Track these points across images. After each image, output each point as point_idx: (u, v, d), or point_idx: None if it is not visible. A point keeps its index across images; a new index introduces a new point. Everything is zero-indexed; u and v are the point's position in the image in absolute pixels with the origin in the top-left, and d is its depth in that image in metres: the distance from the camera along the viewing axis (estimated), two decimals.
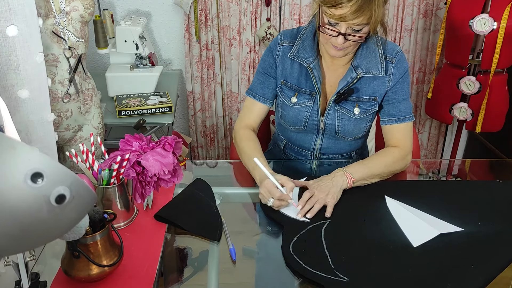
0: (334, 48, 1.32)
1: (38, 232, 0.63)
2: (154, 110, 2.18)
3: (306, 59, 1.42)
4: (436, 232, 1.19)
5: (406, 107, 1.44)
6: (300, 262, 1.08)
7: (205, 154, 2.90)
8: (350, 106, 1.44)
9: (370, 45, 1.40)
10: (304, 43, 1.43)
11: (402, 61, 1.43)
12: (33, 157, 0.59)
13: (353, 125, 1.47)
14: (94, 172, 1.16)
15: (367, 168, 1.36)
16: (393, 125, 1.45)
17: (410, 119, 1.45)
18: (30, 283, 0.93)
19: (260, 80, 1.51)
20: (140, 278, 1.03)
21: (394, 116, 1.44)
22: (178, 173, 1.28)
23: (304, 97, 1.46)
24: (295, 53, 1.43)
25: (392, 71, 1.42)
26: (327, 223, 1.22)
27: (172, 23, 2.64)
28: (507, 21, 2.14)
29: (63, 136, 1.75)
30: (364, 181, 1.36)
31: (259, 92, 1.51)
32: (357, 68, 1.39)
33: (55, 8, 1.56)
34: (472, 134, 2.96)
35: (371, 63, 1.39)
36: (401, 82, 1.43)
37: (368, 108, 1.45)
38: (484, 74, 2.32)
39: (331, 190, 1.27)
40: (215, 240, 1.18)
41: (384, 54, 1.41)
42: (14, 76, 1.39)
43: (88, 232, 0.98)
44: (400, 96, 1.44)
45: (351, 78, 1.40)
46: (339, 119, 1.46)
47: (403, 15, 2.56)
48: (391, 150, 1.44)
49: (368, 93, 1.44)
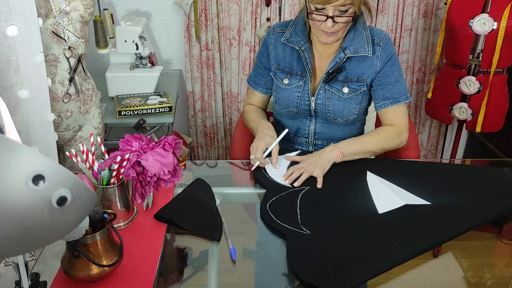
0: (325, 34, 1.39)
1: (39, 234, 0.63)
2: (154, 110, 2.18)
3: (298, 43, 1.50)
4: (402, 203, 1.28)
5: (400, 89, 1.50)
6: (272, 216, 1.23)
7: (205, 154, 2.90)
8: (339, 85, 1.50)
9: (358, 28, 1.47)
10: (296, 28, 1.52)
11: (389, 44, 1.50)
12: (34, 159, 0.60)
13: (342, 105, 1.51)
14: (94, 172, 1.16)
15: (359, 143, 1.47)
16: (388, 108, 1.51)
17: (405, 99, 1.50)
18: (30, 283, 0.93)
19: (256, 71, 1.66)
20: (140, 278, 1.03)
21: (389, 98, 1.50)
22: (178, 173, 1.28)
23: (295, 78, 1.54)
24: (288, 38, 1.52)
25: (380, 53, 1.48)
26: (306, 189, 1.35)
27: (172, 23, 2.64)
28: (507, 21, 2.14)
29: (63, 136, 1.75)
30: (354, 156, 1.46)
31: (255, 81, 1.67)
32: (345, 49, 1.47)
33: (55, 8, 1.56)
34: (472, 134, 2.96)
35: (359, 44, 1.46)
36: (390, 65, 1.49)
37: (357, 88, 1.50)
38: (484, 74, 2.32)
39: (318, 162, 1.39)
40: (215, 240, 1.18)
41: (371, 37, 1.48)
42: (14, 76, 1.39)
43: (88, 232, 0.98)
44: (392, 79, 1.49)
45: (339, 59, 1.48)
46: (329, 99, 1.51)
47: (403, 15, 2.56)
48: (385, 128, 1.53)
49: (357, 74, 1.50)
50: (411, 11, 2.54)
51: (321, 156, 1.42)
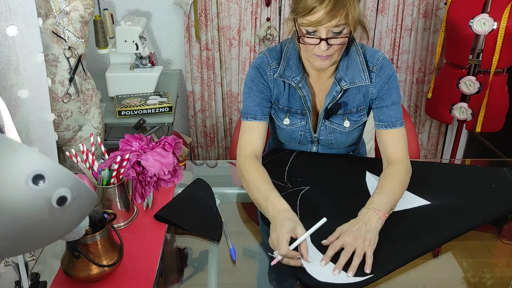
0: (319, 58, 1.26)
1: (39, 234, 0.63)
2: (154, 110, 2.18)
3: (294, 78, 1.37)
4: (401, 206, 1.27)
5: (396, 112, 1.38)
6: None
7: (205, 154, 2.90)
8: (339, 120, 1.43)
9: (351, 54, 1.36)
10: (289, 62, 1.38)
11: (384, 67, 1.37)
12: (34, 159, 0.60)
13: (345, 137, 1.47)
14: (94, 172, 1.16)
15: (391, 197, 1.23)
16: (384, 130, 1.40)
17: (401, 124, 1.38)
18: (30, 283, 0.93)
19: (256, 101, 1.41)
20: (140, 278, 1.03)
21: (384, 121, 1.39)
22: (178, 173, 1.28)
23: (296, 118, 1.44)
24: (282, 73, 1.37)
25: (375, 81, 1.38)
26: (306, 189, 1.35)
27: (172, 23, 2.64)
28: (507, 21, 2.14)
29: (63, 136, 1.75)
30: (391, 211, 1.23)
31: (259, 112, 1.41)
32: (340, 81, 1.36)
33: (55, 8, 1.56)
34: (472, 134, 2.96)
35: (354, 73, 1.36)
36: (387, 89, 1.38)
37: (357, 119, 1.44)
38: (484, 74, 2.32)
39: (368, 235, 1.10)
40: (215, 240, 1.18)
41: (365, 62, 1.37)
42: (14, 76, 1.39)
43: (88, 232, 0.98)
44: (389, 102, 1.38)
45: (336, 92, 1.37)
46: (331, 134, 1.46)
47: (403, 15, 2.56)
48: (394, 170, 1.33)
49: (356, 104, 1.41)
50: (411, 11, 2.54)
51: (367, 227, 1.13)
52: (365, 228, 1.12)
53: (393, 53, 2.66)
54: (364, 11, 2.56)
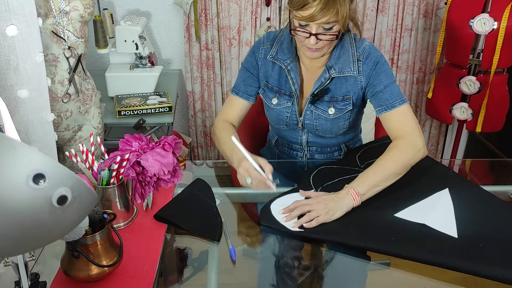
0: (309, 50, 1.33)
1: (40, 233, 0.63)
2: (154, 110, 2.18)
3: (284, 61, 1.44)
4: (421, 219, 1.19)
5: (392, 93, 1.38)
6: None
7: (205, 154, 2.90)
8: (325, 106, 1.46)
9: (344, 44, 1.41)
10: (282, 45, 1.45)
11: (370, 55, 1.40)
12: (34, 158, 0.59)
13: (330, 124, 1.49)
14: (94, 172, 1.16)
15: (373, 174, 1.27)
16: (385, 113, 1.39)
17: (401, 102, 1.37)
18: (29, 283, 0.93)
19: (243, 78, 1.53)
20: (140, 278, 1.03)
21: (382, 105, 1.40)
22: (178, 173, 1.27)
23: (284, 98, 1.49)
24: (274, 55, 1.46)
25: (362, 69, 1.41)
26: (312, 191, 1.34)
27: (172, 23, 2.64)
28: (507, 21, 2.14)
29: (62, 136, 1.75)
30: (376, 187, 1.26)
31: (242, 89, 1.53)
32: (330, 69, 1.41)
33: (55, 8, 1.56)
34: (473, 134, 2.96)
35: (344, 63, 1.40)
36: (375, 75, 1.40)
37: (342, 108, 1.46)
38: (485, 74, 2.32)
39: (330, 205, 1.22)
40: (215, 240, 1.17)
41: (356, 53, 1.41)
42: (13, 76, 1.38)
43: (88, 232, 0.98)
44: (381, 86, 1.39)
45: (325, 79, 1.43)
46: (316, 119, 1.49)
47: (403, 15, 2.56)
48: (393, 144, 1.35)
49: (342, 93, 1.45)
50: (411, 11, 2.54)
51: (335, 199, 1.24)
52: (333, 200, 1.24)
53: (393, 53, 2.66)
54: (364, 11, 2.56)
